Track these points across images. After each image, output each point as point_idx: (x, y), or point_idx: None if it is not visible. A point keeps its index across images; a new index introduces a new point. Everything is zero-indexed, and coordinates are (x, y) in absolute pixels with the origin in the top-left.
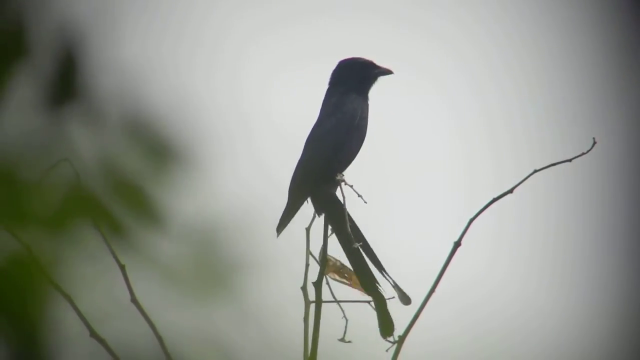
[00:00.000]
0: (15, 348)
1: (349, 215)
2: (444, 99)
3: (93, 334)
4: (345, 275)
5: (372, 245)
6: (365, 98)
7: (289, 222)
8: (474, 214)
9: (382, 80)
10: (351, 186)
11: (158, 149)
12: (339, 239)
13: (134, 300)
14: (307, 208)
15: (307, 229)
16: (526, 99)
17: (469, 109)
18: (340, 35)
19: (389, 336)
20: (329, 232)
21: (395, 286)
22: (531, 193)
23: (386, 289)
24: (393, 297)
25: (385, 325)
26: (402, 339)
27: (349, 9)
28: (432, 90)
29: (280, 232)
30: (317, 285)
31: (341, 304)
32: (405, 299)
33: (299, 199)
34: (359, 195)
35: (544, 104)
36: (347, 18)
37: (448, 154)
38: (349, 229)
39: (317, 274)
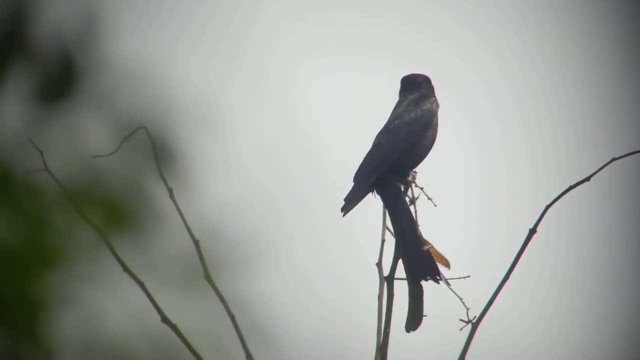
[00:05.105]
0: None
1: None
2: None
3: (165, 319)
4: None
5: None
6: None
7: (354, 205)
8: (550, 200)
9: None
10: (421, 189)
11: (157, 149)
12: (394, 229)
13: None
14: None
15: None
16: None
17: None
18: (354, 32)
19: (413, 330)
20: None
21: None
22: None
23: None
24: (468, 276)
25: (413, 317)
26: (477, 323)
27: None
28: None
29: (346, 213)
30: (389, 279)
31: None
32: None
33: (366, 186)
34: (429, 198)
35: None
36: (365, 16)
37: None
38: (419, 231)
39: (390, 266)
